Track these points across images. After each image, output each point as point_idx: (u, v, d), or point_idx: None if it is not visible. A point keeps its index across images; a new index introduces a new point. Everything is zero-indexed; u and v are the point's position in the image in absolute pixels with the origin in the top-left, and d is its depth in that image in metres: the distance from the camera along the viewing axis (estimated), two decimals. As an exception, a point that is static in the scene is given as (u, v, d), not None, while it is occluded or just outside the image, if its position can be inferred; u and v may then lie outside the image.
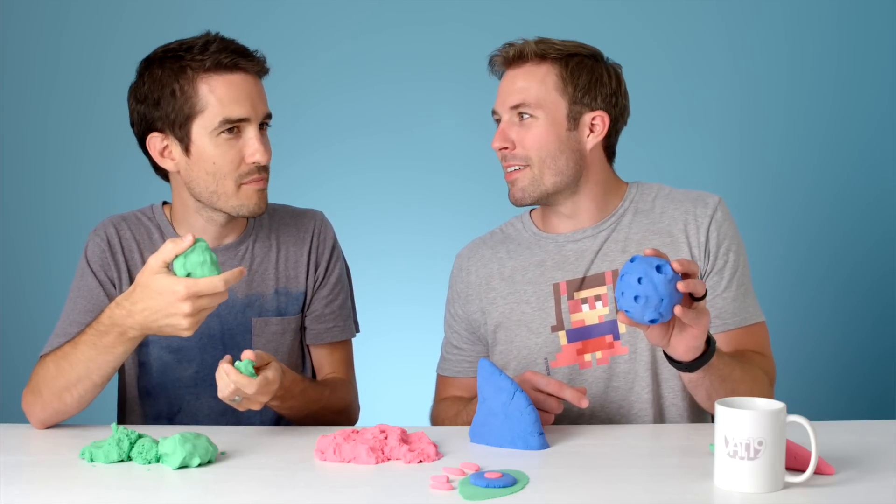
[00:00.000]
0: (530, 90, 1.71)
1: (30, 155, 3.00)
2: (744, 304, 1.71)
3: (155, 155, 1.69)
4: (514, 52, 1.73)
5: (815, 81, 2.94)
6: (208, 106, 1.63)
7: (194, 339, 1.72)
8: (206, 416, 1.74)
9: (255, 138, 1.65)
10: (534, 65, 1.72)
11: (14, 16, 2.96)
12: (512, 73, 1.74)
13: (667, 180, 1.84)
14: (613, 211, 1.77)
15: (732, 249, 1.72)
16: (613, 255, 1.73)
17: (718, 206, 1.74)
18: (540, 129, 1.71)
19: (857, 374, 2.94)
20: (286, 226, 1.81)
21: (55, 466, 1.38)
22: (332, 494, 1.28)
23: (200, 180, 1.66)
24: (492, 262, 1.81)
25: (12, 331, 2.93)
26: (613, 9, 2.94)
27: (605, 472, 1.35)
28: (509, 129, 1.72)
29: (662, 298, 1.34)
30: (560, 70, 1.71)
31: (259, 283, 1.76)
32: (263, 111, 1.67)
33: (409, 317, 2.91)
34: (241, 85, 1.64)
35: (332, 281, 1.81)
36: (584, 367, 1.72)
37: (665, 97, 2.94)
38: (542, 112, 1.70)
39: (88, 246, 1.75)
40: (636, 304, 1.35)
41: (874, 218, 2.93)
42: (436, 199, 3.02)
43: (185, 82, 1.63)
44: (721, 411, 1.27)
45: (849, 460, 1.38)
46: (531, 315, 1.74)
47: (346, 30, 3.01)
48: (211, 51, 1.63)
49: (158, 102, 1.64)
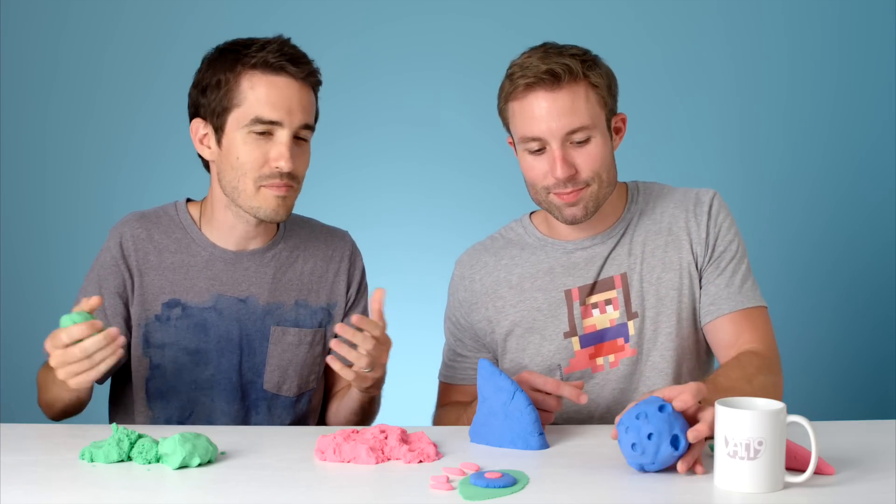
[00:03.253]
0: (582, 111, 1.64)
1: (30, 155, 2.99)
2: (740, 290, 1.70)
3: (195, 141, 1.72)
4: (551, 75, 1.62)
5: (817, 84, 2.93)
6: (245, 101, 1.64)
7: (212, 342, 1.72)
8: (220, 419, 1.74)
9: (284, 144, 1.64)
10: (572, 82, 1.64)
11: (14, 16, 2.96)
12: (548, 95, 1.63)
13: (668, 183, 1.85)
14: (622, 216, 1.76)
15: (727, 238, 1.73)
16: (621, 258, 1.73)
17: (714, 200, 1.75)
18: (598, 149, 1.66)
19: (859, 375, 2.94)
20: (314, 240, 1.82)
21: (55, 466, 1.38)
22: (332, 494, 1.27)
23: (226, 173, 1.68)
24: (497, 269, 1.79)
25: (12, 331, 2.93)
26: (617, 9, 2.94)
27: (605, 472, 1.35)
28: (569, 156, 1.65)
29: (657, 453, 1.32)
30: (595, 82, 1.66)
31: (281, 293, 1.76)
32: (300, 120, 1.66)
33: (410, 316, 2.91)
34: (281, 88, 1.65)
35: (362, 300, 1.84)
36: (596, 370, 1.72)
37: (665, 100, 2.93)
38: (596, 131, 1.66)
39: (102, 250, 1.75)
40: (633, 452, 1.33)
41: (876, 222, 2.93)
42: (437, 196, 3.01)
43: (232, 76, 1.65)
44: (721, 411, 1.27)
45: (849, 460, 1.38)
46: (544, 322, 1.74)
47: (346, 28, 3.00)
48: (266, 50, 1.65)
49: (206, 90, 1.68)
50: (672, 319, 1.71)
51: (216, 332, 1.72)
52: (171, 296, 1.72)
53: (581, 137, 1.65)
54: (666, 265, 1.72)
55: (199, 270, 1.73)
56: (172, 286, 1.73)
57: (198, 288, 1.73)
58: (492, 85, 1.76)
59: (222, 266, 1.74)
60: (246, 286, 1.74)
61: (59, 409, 1.64)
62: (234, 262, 1.75)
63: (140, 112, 2.97)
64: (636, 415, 1.32)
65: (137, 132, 2.98)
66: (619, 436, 1.34)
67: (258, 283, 1.75)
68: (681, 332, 1.72)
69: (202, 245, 1.75)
